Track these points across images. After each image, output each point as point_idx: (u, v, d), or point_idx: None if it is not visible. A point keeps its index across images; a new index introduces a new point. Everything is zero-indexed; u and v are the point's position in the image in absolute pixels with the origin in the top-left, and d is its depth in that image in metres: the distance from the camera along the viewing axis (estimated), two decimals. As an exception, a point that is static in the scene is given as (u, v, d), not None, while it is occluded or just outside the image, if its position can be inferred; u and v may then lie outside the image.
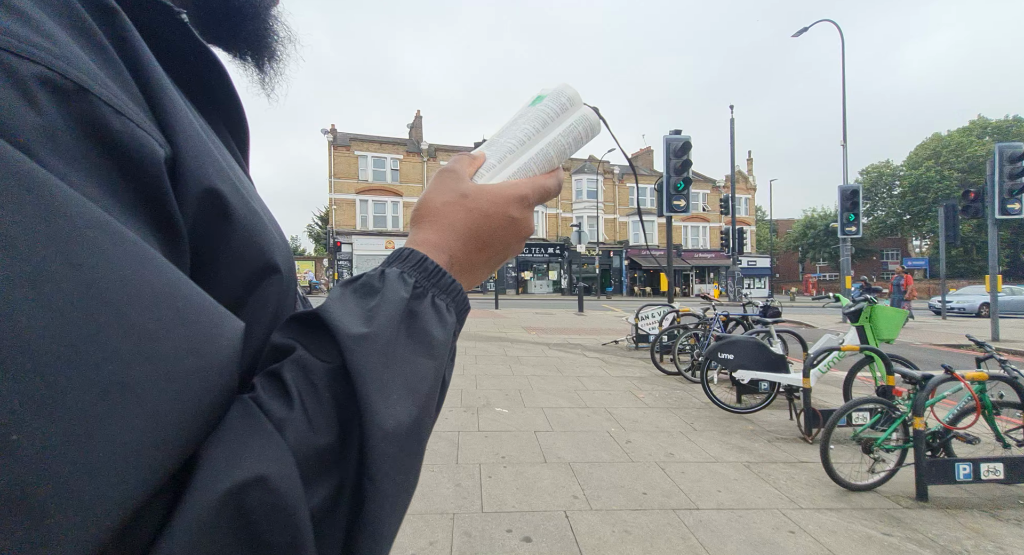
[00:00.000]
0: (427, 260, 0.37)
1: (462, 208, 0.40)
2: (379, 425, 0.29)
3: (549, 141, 0.44)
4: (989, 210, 9.72)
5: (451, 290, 0.38)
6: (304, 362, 0.30)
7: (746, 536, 2.39)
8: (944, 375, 2.93)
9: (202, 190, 0.28)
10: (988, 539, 2.42)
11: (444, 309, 0.37)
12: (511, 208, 0.41)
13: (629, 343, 8.66)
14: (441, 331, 0.35)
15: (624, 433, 3.89)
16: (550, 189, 0.44)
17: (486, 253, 0.41)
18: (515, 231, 0.42)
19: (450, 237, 0.39)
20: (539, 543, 2.28)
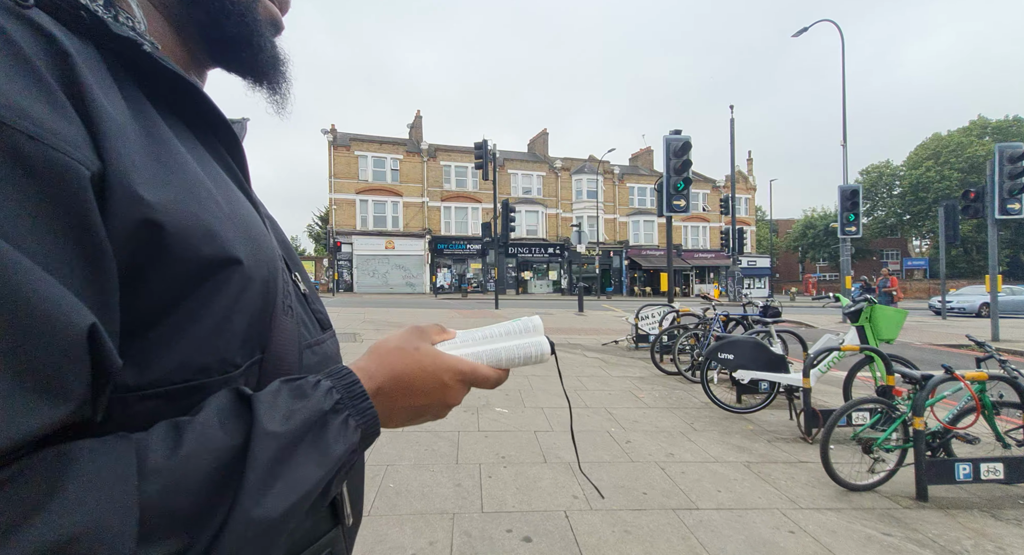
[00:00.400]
0: (357, 384, 0.42)
1: (408, 356, 0.46)
2: (247, 510, 0.33)
3: (504, 346, 0.53)
4: (989, 210, 9.72)
5: (366, 414, 0.42)
6: (208, 430, 0.34)
7: (746, 536, 2.39)
8: (944, 375, 2.93)
9: (130, 200, 0.32)
10: (988, 539, 2.42)
11: (352, 428, 0.41)
12: (446, 374, 0.47)
13: (629, 343, 8.66)
14: (341, 446, 0.39)
15: (624, 433, 3.89)
16: (487, 378, 0.50)
17: (411, 399, 0.46)
18: (442, 394, 0.47)
19: (385, 373, 0.45)
20: (539, 543, 2.28)
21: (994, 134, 42.88)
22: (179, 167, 0.38)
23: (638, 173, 37.21)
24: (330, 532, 0.49)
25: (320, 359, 0.53)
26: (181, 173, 0.37)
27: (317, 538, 0.47)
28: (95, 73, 0.34)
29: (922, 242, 51.44)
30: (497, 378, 0.50)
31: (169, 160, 0.37)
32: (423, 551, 2.19)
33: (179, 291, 0.35)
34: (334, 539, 0.49)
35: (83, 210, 0.29)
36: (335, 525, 0.50)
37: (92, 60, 0.34)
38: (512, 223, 17.16)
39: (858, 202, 12.49)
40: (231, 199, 0.43)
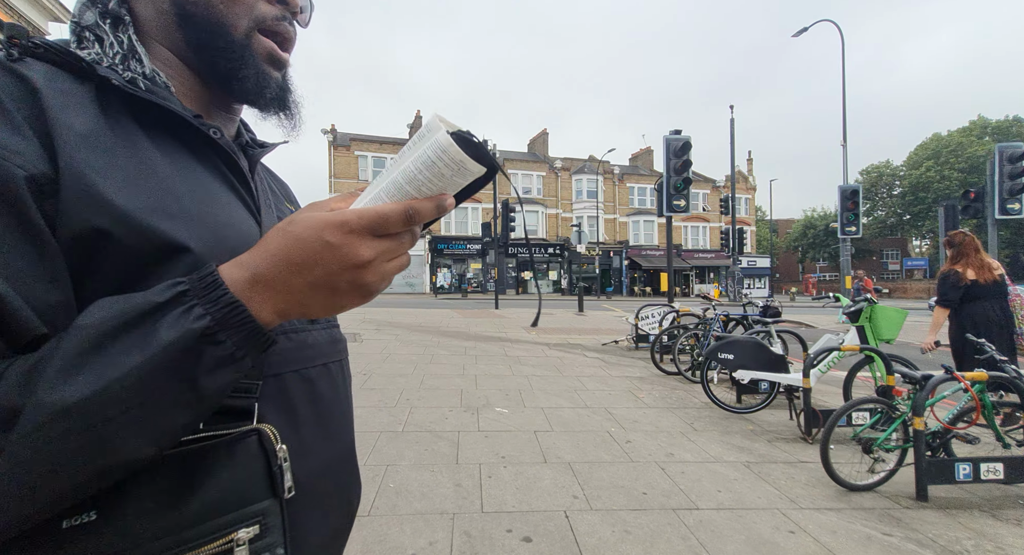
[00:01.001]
0: (212, 274, 0.40)
1: (280, 232, 0.41)
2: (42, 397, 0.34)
3: (401, 168, 0.42)
4: (989, 210, 9.72)
5: (219, 301, 0.39)
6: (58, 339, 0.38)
7: (746, 536, 2.39)
8: (944, 375, 2.93)
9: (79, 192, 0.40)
10: (988, 539, 2.42)
11: (196, 316, 0.38)
12: (325, 232, 0.40)
13: (629, 343, 8.66)
14: (172, 333, 0.38)
15: (624, 433, 3.89)
16: (384, 215, 0.40)
17: (305, 277, 0.41)
18: (334, 257, 0.40)
19: (259, 257, 0.41)
20: (539, 543, 2.28)
21: (994, 134, 42.86)
22: (141, 169, 0.45)
23: (638, 173, 37.21)
24: (263, 502, 0.47)
25: (295, 346, 0.56)
26: (142, 174, 0.45)
27: (244, 505, 0.45)
28: (71, 102, 0.44)
29: (922, 242, 51.42)
30: (404, 210, 0.41)
31: (129, 164, 0.45)
32: (423, 551, 2.19)
33: (132, 272, 0.42)
34: (267, 511, 0.47)
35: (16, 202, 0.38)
36: (271, 497, 0.48)
37: (75, 92, 0.45)
38: (512, 223, 17.16)
39: (858, 202, 12.49)
40: (204, 200, 0.49)
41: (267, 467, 0.48)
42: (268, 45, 0.57)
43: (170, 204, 0.45)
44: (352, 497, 0.65)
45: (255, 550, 0.45)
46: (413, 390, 5.07)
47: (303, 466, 0.54)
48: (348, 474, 0.64)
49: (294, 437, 0.53)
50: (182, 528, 0.42)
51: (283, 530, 0.48)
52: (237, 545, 0.44)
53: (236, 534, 0.44)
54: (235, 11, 0.54)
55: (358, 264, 0.41)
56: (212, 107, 0.59)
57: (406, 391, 5.00)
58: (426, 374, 5.89)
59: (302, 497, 0.53)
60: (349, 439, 0.65)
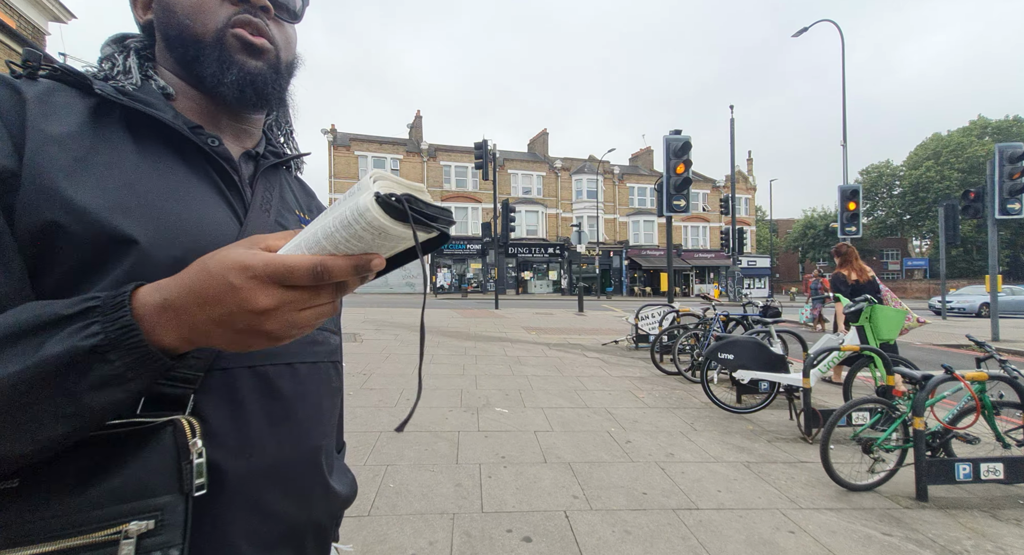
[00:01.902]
0: (123, 294, 0.41)
1: (199, 263, 0.42)
2: None
3: (322, 222, 0.41)
4: (989, 210, 9.72)
5: (118, 322, 0.40)
6: None
7: (746, 536, 2.39)
8: (944, 375, 2.93)
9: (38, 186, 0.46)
10: (988, 539, 2.42)
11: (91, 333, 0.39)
12: (231, 273, 0.39)
13: (629, 343, 8.66)
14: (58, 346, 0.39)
15: (624, 433, 3.89)
16: (290, 268, 0.39)
17: (207, 312, 0.40)
18: (235, 299, 0.39)
19: (174, 284, 0.42)
20: (539, 543, 2.28)
21: (994, 134, 42.88)
22: (108, 169, 0.50)
23: (638, 173, 37.20)
24: (163, 497, 0.45)
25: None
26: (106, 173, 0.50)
27: (143, 496, 0.44)
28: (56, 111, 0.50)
29: (922, 242, 51.43)
30: (311, 265, 0.39)
31: (99, 165, 0.50)
32: (423, 551, 2.19)
33: (85, 262, 0.46)
34: (167, 505, 0.45)
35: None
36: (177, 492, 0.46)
37: (70, 105, 0.52)
38: (512, 223, 17.16)
39: (858, 202, 12.48)
40: (172, 197, 0.53)
41: (176, 460, 0.46)
42: (239, 33, 0.60)
43: (128, 200, 0.49)
44: (313, 504, 0.62)
45: (145, 547, 0.43)
46: (413, 390, 5.07)
47: (242, 464, 0.52)
48: (308, 478, 0.61)
49: (235, 433, 0.53)
50: (78, 510, 0.41)
51: (183, 529, 0.46)
52: (124, 537, 0.42)
53: (127, 526, 0.42)
54: (202, 21, 0.59)
55: (255, 310, 0.39)
56: (223, 119, 0.65)
57: (406, 391, 5.00)
58: (426, 374, 5.88)
59: (234, 496, 0.52)
60: (314, 443, 0.62)
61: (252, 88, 0.61)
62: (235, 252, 0.40)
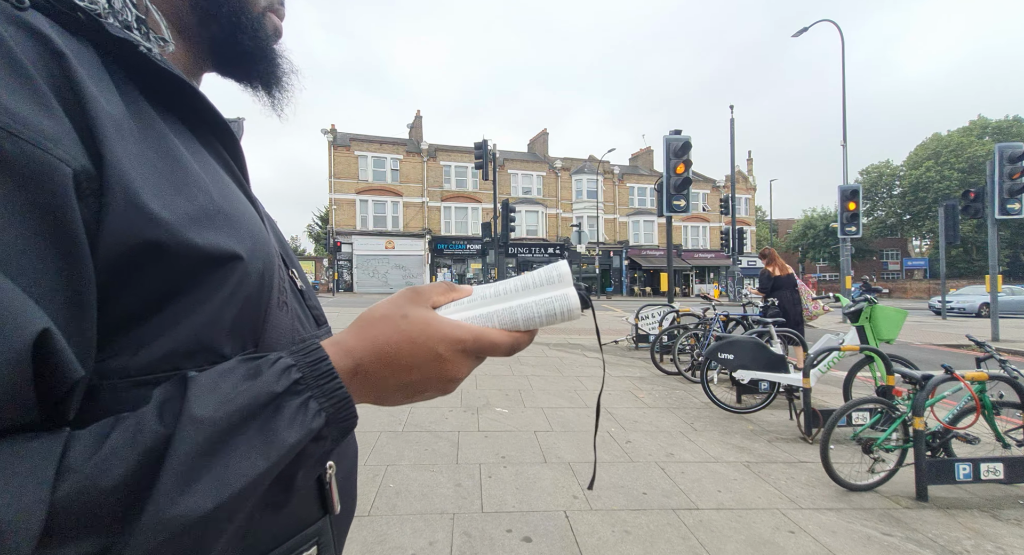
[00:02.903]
0: (324, 361, 0.38)
1: (393, 326, 0.40)
2: (161, 509, 0.29)
3: (521, 302, 0.44)
4: (989, 210, 9.72)
5: (333, 396, 0.37)
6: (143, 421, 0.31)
7: (746, 536, 2.39)
8: (944, 375, 2.93)
9: (125, 198, 0.32)
10: (988, 539, 2.42)
11: (311, 413, 0.36)
12: (441, 345, 0.40)
13: (629, 343, 8.66)
14: (294, 434, 0.35)
15: (624, 433, 3.89)
16: (496, 345, 0.42)
17: (400, 377, 0.40)
18: (438, 369, 0.40)
19: (367, 347, 0.39)
20: (539, 543, 2.28)
21: (994, 134, 42.87)
22: (176, 164, 0.38)
23: (638, 173, 37.20)
24: (317, 523, 0.46)
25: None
26: (178, 170, 0.38)
27: (303, 528, 0.44)
28: (92, 74, 0.34)
29: (922, 242, 51.42)
30: (512, 343, 0.43)
31: (166, 158, 0.37)
32: (423, 551, 2.19)
33: (176, 285, 0.35)
34: (321, 530, 0.46)
35: (60, 207, 0.29)
36: (324, 515, 0.47)
37: (90, 61, 0.35)
38: (512, 223, 17.16)
39: (858, 202, 12.48)
40: (228, 195, 0.42)
41: (320, 484, 0.47)
42: (276, 21, 0.55)
43: (208, 204, 0.39)
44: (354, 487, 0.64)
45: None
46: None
47: (340, 471, 0.53)
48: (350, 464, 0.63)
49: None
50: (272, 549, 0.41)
51: (334, 547, 0.48)
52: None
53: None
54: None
55: (454, 379, 0.42)
56: (189, 76, 0.52)
57: (406, 391, 4.99)
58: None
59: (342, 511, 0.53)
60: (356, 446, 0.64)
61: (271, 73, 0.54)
62: (437, 322, 0.41)
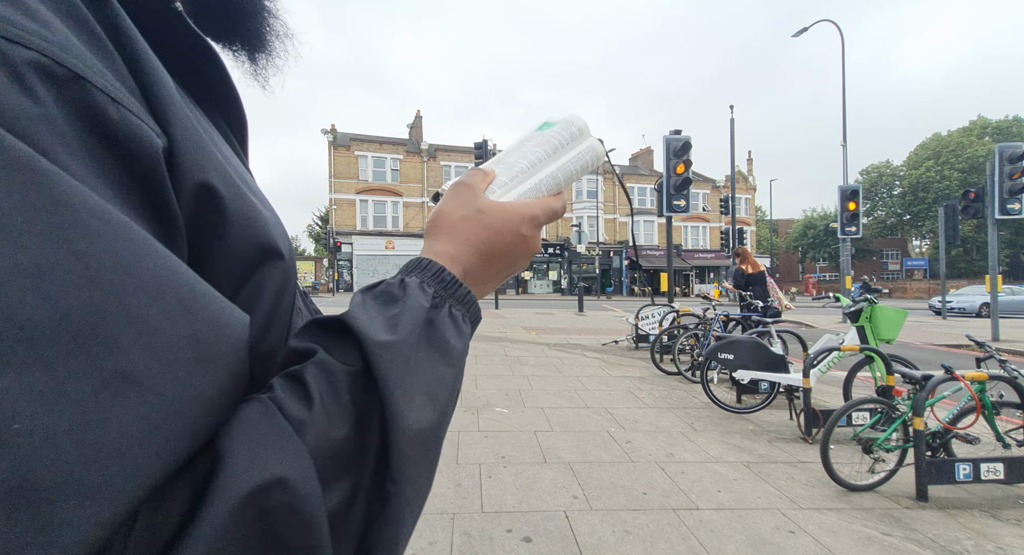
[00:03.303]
0: (445, 271, 0.39)
1: (478, 223, 0.42)
2: (404, 428, 0.30)
3: (559, 165, 0.46)
4: (989, 210, 9.72)
5: (466, 301, 0.39)
6: (326, 365, 0.30)
7: (746, 536, 2.39)
8: (944, 375, 2.93)
9: (196, 181, 0.28)
10: (988, 539, 2.42)
11: (460, 319, 0.38)
12: (523, 226, 0.43)
13: (629, 343, 8.66)
14: (459, 340, 0.36)
15: (624, 433, 3.89)
16: (557, 211, 0.46)
17: (496, 266, 0.43)
18: (524, 248, 0.44)
19: (465, 250, 0.41)
20: (539, 543, 2.28)
21: (994, 134, 42.88)
22: (217, 147, 0.33)
23: (638, 173, 37.21)
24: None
25: None
26: (224, 154, 0.34)
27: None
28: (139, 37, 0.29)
29: (922, 242, 51.43)
30: (563, 205, 0.47)
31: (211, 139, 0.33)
32: (423, 551, 2.19)
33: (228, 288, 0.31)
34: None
35: (161, 184, 0.26)
36: None
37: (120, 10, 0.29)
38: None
39: (858, 202, 12.48)
40: (252, 183, 0.38)
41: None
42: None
43: (249, 195, 0.34)
44: None
45: None
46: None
47: None
48: None
49: None
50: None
51: None
52: None
53: None
54: None
55: (535, 252, 0.45)
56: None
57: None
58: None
59: None
60: None
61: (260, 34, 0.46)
62: (512, 207, 0.43)
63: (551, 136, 0.48)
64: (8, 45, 0.21)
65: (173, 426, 0.22)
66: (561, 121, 0.48)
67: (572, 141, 0.47)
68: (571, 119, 0.48)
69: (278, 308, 0.35)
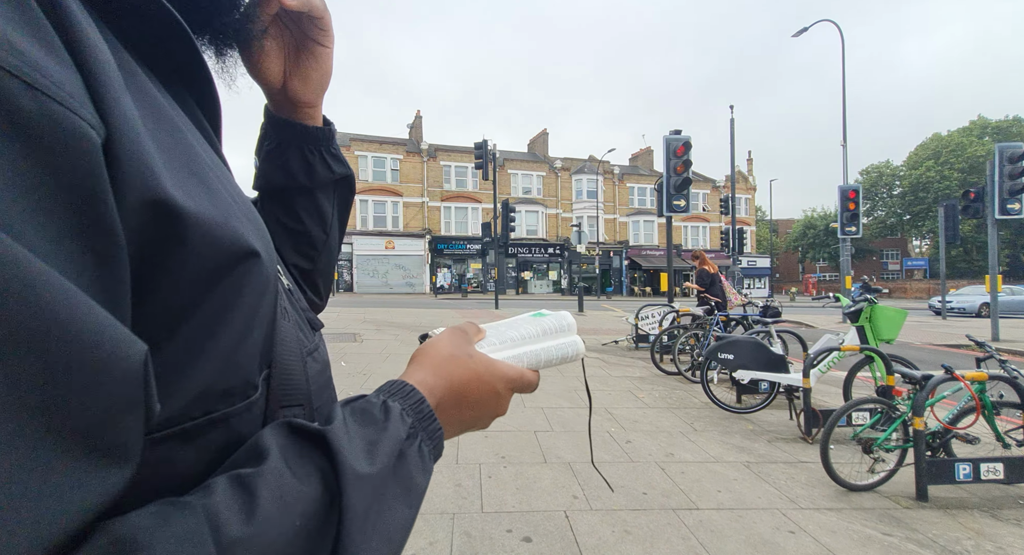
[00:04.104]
0: (424, 402, 0.38)
1: (463, 365, 0.43)
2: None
3: (543, 347, 0.52)
4: (989, 210, 9.72)
5: (435, 437, 0.38)
6: (283, 481, 0.27)
7: (746, 536, 2.38)
8: (944, 375, 2.93)
9: (143, 178, 0.24)
10: (988, 539, 2.42)
11: (427, 456, 0.37)
12: (499, 383, 0.44)
13: (629, 343, 8.66)
14: (423, 478, 0.36)
15: (624, 433, 3.89)
16: (531, 384, 0.48)
17: (464, 412, 0.43)
18: (494, 404, 0.44)
19: (444, 386, 0.41)
20: (539, 543, 2.28)
21: (994, 134, 42.86)
22: (178, 135, 0.30)
23: (638, 173, 37.20)
24: None
25: (321, 367, 0.46)
26: (182, 143, 0.30)
27: None
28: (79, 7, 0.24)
29: (922, 242, 51.42)
30: (537, 380, 0.49)
31: (166, 126, 0.29)
32: (423, 551, 2.19)
33: (195, 295, 0.27)
34: None
35: (94, 189, 0.21)
36: None
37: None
38: (512, 223, 17.17)
39: (858, 202, 12.48)
40: (225, 177, 0.35)
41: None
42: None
43: (219, 187, 0.32)
44: None
45: None
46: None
47: None
48: None
49: None
50: None
51: None
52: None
53: None
54: None
55: (501, 414, 0.46)
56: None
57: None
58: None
59: None
60: None
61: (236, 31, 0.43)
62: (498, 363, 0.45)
63: (544, 322, 0.54)
64: None
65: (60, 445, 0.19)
66: (554, 314, 0.56)
67: (560, 332, 0.54)
68: (563, 315, 0.55)
69: (258, 310, 0.32)
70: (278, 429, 0.31)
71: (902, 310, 4.47)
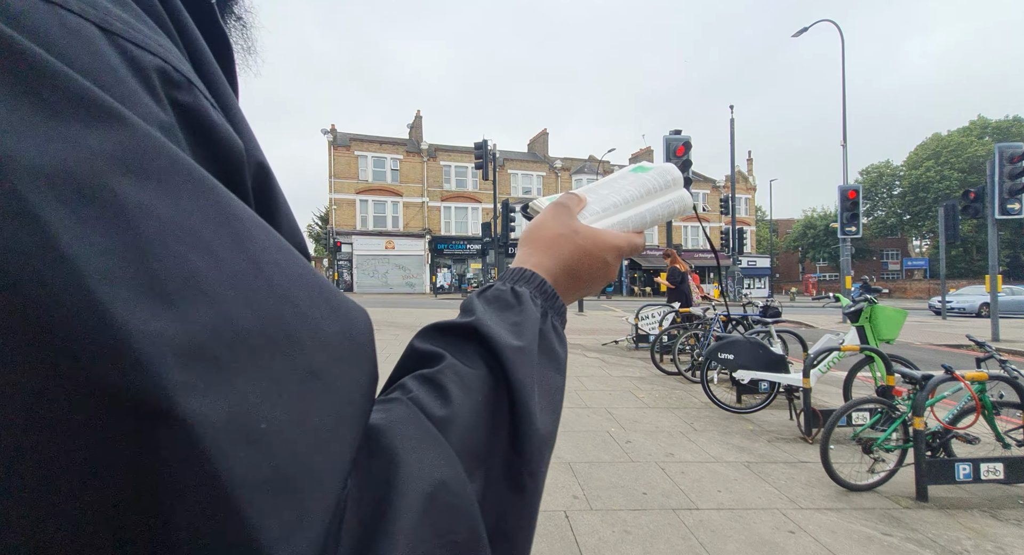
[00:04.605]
0: (546, 284, 0.41)
1: (572, 242, 0.44)
2: (537, 429, 0.32)
3: (648, 207, 0.50)
4: (989, 210, 9.73)
5: (561, 312, 0.41)
6: (457, 369, 0.32)
7: (746, 536, 2.38)
8: (944, 375, 2.93)
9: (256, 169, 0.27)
10: (988, 539, 2.42)
11: (559, 330, 0.40)
12: (608, 254, 0.45)
13: (629, 343, 8.66)
14: (562, 350, 0.39)
15: (624, 433, 3.89)
16: (638, 247, 0.49)
17: (577, 285, 0.45)
18: (604, 274, 0.46)
19: (558, 266, 0.43)
20: (539, 543, 2.28)
21: (994, 134, 42.90)
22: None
23: (638, 173, 37.20)
24: None
25: None
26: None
27: None
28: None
29: (922, 242, 51.44)
30: (643, 243, 0.50)
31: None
32: (423, 551, 2.19)
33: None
34: None
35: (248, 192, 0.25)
36: None
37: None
38: (512, 223, 17.17)
39: (858, 202, 12.48)
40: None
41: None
42: None
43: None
44: None
45: None
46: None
47: None
48: None
49: None
50: None
51: None
52: None
53: None
54: None
55: (612, 279, 0.48)
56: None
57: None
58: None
59: None
60: None
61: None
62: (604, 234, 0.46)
63: (646, 179, 0.51)
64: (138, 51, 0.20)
65: (351, 416, 0.23)
66: (657, 168, 0.52)
67: (665, 188, 0.51)
68: (668, 168, 0.52)
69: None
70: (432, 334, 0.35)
71: (902, 310, 4.47)
